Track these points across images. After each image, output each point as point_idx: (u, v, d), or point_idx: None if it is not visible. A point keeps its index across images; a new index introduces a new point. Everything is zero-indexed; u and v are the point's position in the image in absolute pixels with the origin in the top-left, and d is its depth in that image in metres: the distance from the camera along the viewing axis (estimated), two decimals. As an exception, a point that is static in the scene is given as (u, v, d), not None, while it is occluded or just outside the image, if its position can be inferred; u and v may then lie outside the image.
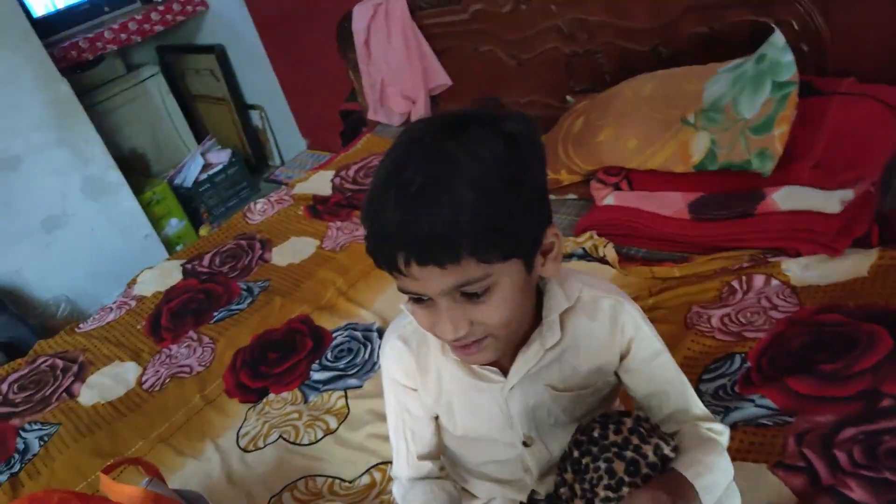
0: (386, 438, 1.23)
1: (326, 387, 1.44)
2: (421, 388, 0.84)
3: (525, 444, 0.84)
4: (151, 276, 2.08)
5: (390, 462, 1.19)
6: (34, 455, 1.49)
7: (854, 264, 1.25)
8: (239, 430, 1.41)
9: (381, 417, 1.31)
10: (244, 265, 2.01)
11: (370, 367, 1.45)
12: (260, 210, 2.30)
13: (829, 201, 1.31)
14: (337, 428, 1.33)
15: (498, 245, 0.64)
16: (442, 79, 2.30)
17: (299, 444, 1.33)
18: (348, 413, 1.36)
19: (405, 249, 0.63)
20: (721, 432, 0.78)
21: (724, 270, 1.36)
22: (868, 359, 1.06)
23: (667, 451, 0.71)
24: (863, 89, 1.48)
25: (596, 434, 0.73)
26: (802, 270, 1.29)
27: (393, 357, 0.84)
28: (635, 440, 0.71)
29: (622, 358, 0.81)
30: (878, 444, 0.94)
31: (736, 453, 0.99)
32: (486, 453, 0.88)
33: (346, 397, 1.40)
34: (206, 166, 3.46)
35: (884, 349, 1.07)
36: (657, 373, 0.80)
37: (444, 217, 0.61)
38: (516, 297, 0.69)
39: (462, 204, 0.61)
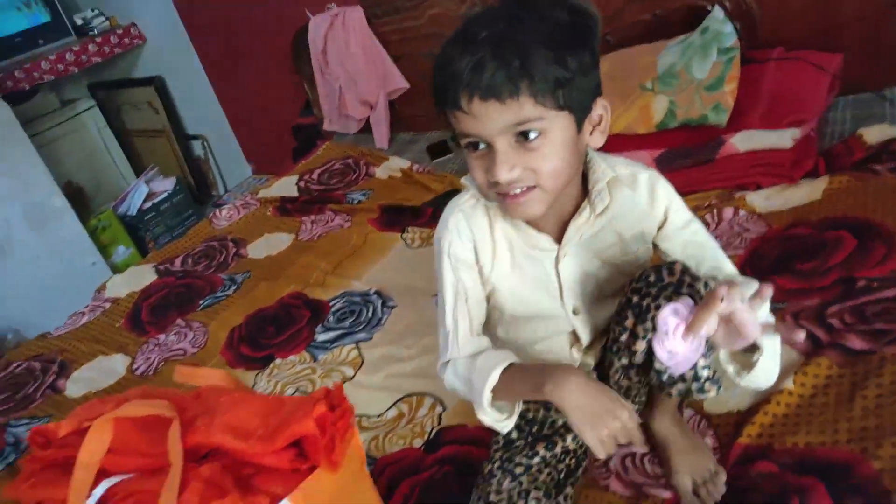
0: (407, 375, 1.29)
1: (335, 344, 1.47)
2: (480, 257, 0.91)
3: (574, 312, 0.92)
4: (122, 280, 2.04)
5: (415, 395, 1.25)
6: (28, 446, 1.43)
7: (809, 190, 1.42)
8: (249, 395, 1.41)
9: (398, 360, 1.36)
10: (220, 261, 2.01)
11: (376, 322, 1.49)
12: (226, 216, 2.30)
13: (782, 138, 1.48)
14: (354, 375, 1.36)
15: (554, 92, 0.73)
16: (399, 82, 2.41)
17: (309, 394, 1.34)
18: (363, 361, 1.39)
19: (470, 85, 0.71)
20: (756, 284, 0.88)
21: (695, 209, 1.49)
22: (838, 255, 1.21)
23: (713, 287, 0.81)
24: (792, 55, 1.69)
25: (652, 278, 0.82)
26: (765, 200, 1.45)
27: (455, 231, 0.90)
28: (688, 279, 0.80)
29: (659, 228, 0.91)
30: (863, 311, 1.07)
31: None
32: (535, 331, 0.95)
33: (357, 349, 1.43)
34: (150, 195, 3.40)
35: (850, 246, 1.22)
36: (691, 237, 0.90)
37: (509, 58, 0.71)
38: (566, 150, 0.78)
39: (526, 50, 0.71)
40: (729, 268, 0.91)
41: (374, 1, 2.34)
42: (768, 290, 0.71)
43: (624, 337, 0.85)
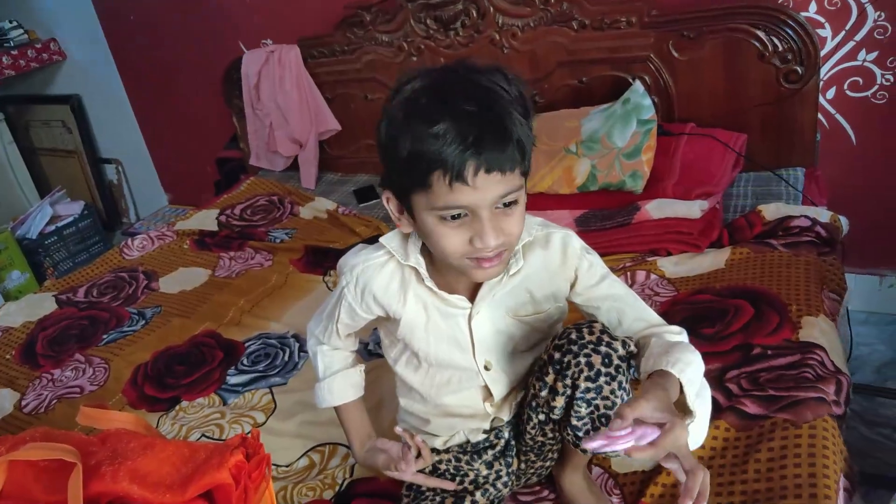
0: (321, 424, 1.27)
1: (247, 388, 1.42)
2: (390, 311, 0.93)
3: (486, 368, 0.94)
4: (17, 308, 1.92)
5: (328, 444, 1.23)
6: None
7: (714, 259, 1.52)
8: (151, 437, 1.34)
9: (312, 407, 1.31)
10: (129, 294, 1.92)
11: (292, 366, 1.46)
12: (139, 246, 2.21)
13: (691, 209, 1.58)
14: (265, 421, 1.32)
15: (527, 161, 0.79)
16: (331, 124, 2.42)
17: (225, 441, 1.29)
18: (276, 407, 1.35)
19: (478, 157, 0.73)
20: (680, 332, 0.91)
21: (610, 269, 1.57)
22: (737, 323, 1.29)
23: (631, 347, 0.85)
24: (703, 131, 1.82)
25: (573, 336, 0.85)
26: (674, 266, 1.54)
27: (354, 283, 0.94)
28: (606, 338, 0.84)
29: (572, 286, 0.94)
30: (758, 377, 1.14)
31: (649, 397, 1.15)
32: (449, 382, 0.97)
33: (271, 393, 1.39)
34: (54, 218, 3.23)
35: (748, 315, 1.31)
36: (608, 291, 0.94)
37: (509, 131, 0.74)
38: (524, 214, 0.82)
39: (514, 122, 0.75)
40: (653, 317, 0.94)
41: (311, 41, 2.36)
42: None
43: (544, 392, 0.87)
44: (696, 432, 0.82)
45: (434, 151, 0.74)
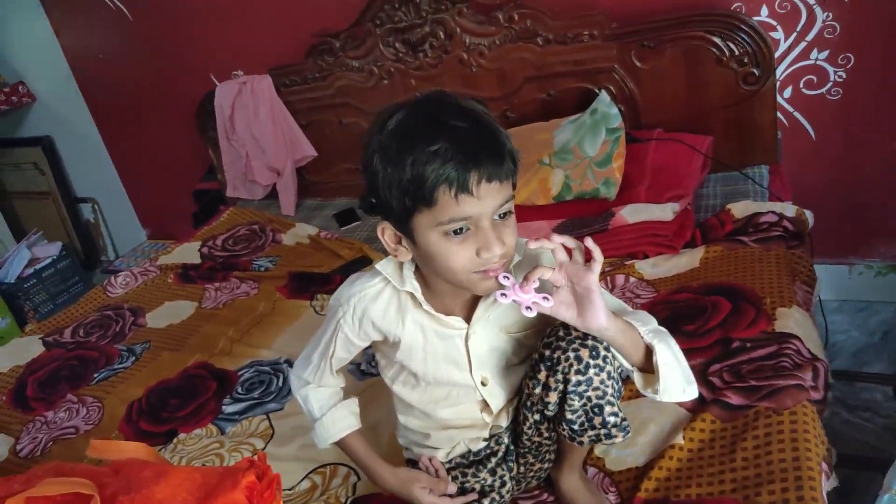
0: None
1: (244, 416, 1.44)
2: (389, 336, 0.96)
3: (483, 383, 0.98)
4: (3, 353, 1.91)
5: (329, 465, 1.25)
6: None
7: (689, 259, 1.57)
8: (151, 472, 1.35)
9: (311, 429, 1.35)
10: (116, 332, 1.93)
11: (287, 391, 1.48)
12: (122, 283, 2.22)
13: (664, 211, 1.64)
14: (265, 447, 1.34)
15: (517, 174, 0.85)
16: (307, 150, 2.46)
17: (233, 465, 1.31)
18: (274, 433, 1.37)
19: (479, 168, 0.78)
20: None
21: (591, 276, 1.61)
22: (716, 318, 1.34)
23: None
24: (670, 136, 1.88)
25: (561, 333, 0.89)
26: (652, 268, 1.59)
27: (351, 312, 0.96)
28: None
29: None
30: (739, 370, 1.19)
31: (633, 395, 1.18)
32: (447, 397, 1.00)
33: (268, 419, 1.41)
34: (32, 261, 3.21)
35: (725, 310, 1.36)
36: None
37: (503, 142, 0.81)
38: (516, 227, 0.87)
39: (506, 137, 0.82)
40: (630, 309, 0.98)
41: (282, 70, 2.40)
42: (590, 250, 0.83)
43: (537, 390, 0.91)
44: (672, 375, 0.87)
45: (437, 168, 0.78)
